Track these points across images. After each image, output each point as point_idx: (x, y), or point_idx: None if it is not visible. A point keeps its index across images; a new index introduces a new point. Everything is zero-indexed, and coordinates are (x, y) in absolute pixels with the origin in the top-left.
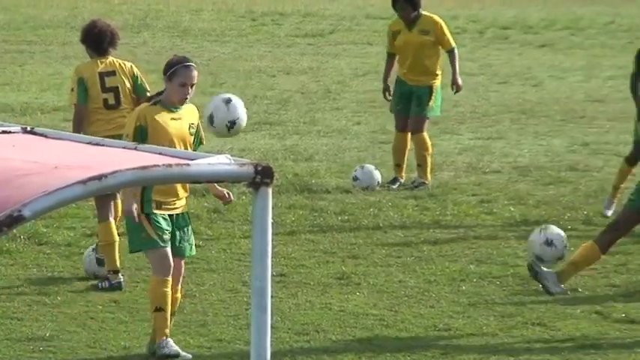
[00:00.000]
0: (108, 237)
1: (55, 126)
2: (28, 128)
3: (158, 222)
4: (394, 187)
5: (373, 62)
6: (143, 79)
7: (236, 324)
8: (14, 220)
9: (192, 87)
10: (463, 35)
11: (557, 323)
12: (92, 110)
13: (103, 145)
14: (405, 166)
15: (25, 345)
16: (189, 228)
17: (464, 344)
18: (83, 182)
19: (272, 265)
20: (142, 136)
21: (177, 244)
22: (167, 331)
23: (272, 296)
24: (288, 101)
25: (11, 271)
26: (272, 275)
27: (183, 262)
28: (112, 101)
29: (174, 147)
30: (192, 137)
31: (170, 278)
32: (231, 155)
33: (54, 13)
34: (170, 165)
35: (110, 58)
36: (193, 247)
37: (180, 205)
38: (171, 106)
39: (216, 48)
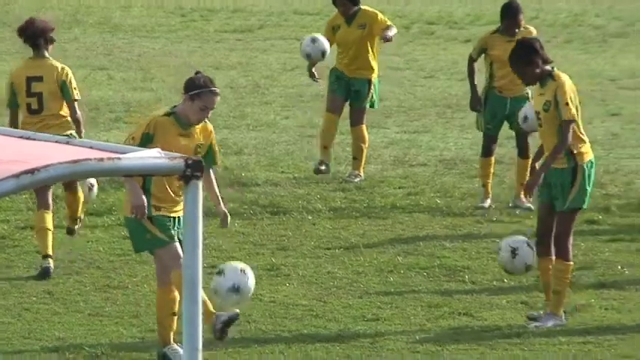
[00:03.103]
0: (43, 223)
1: None
2: None
3: (160, 221)
4: (322, 168)
5: (301, 57)
6: (71, 85)
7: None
8: None
9: (211, 110)
10: None
11: (483, 313)
12: (22, 114)
13: (35, 140)
14: (331, 149)
15: None
16: None
17: (392, 334)
18: (16, 176)
19: (203, 256)
20: (146, 143)
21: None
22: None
23: (203, 287)
24: None
25: None
26: (203, 267)
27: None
28: (35, 106)
29: None
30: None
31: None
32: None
33: None
34: (102, 159)
35: (47, 60)
36: None
37: (180, 208)
38: (185, 123)
39: (147, 44)
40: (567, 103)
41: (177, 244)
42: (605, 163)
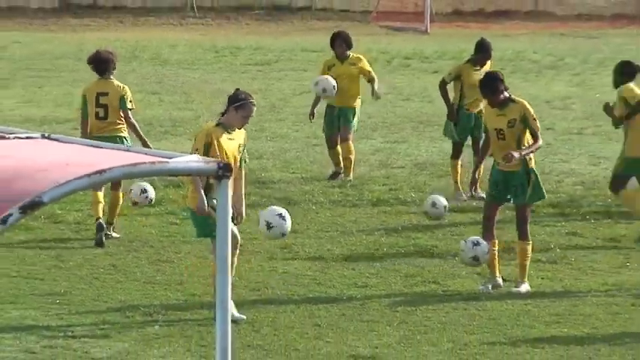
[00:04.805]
0: (96, 198)
1: (66, 133)
2: (46, 135)
3: None
4: (334, 180)
5: (308, 84)
6: (127, 98)
7: (205, 282)
8: (36, 204)
9: (250, 118)
10: (375, 64)
11: (447, 281)
12: (91, 119)
13: (102, 148)
14: (341, 164)
15: (46, 299)
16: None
17: (377, 298)
18: (88, 175)
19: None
20: (208, 149)
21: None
22: None
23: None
24: None
25: (34, 243)
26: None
27: (236, 231)
28: (101, 114)
29: (229, 161)
30: (239, 155)
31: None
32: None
33: (64, 48)
34: (153, 162)
35: (111, 81)
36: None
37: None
38: (230, 129)
39: (188, 74)
40: (535, 119)
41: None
42: (541, 166)
